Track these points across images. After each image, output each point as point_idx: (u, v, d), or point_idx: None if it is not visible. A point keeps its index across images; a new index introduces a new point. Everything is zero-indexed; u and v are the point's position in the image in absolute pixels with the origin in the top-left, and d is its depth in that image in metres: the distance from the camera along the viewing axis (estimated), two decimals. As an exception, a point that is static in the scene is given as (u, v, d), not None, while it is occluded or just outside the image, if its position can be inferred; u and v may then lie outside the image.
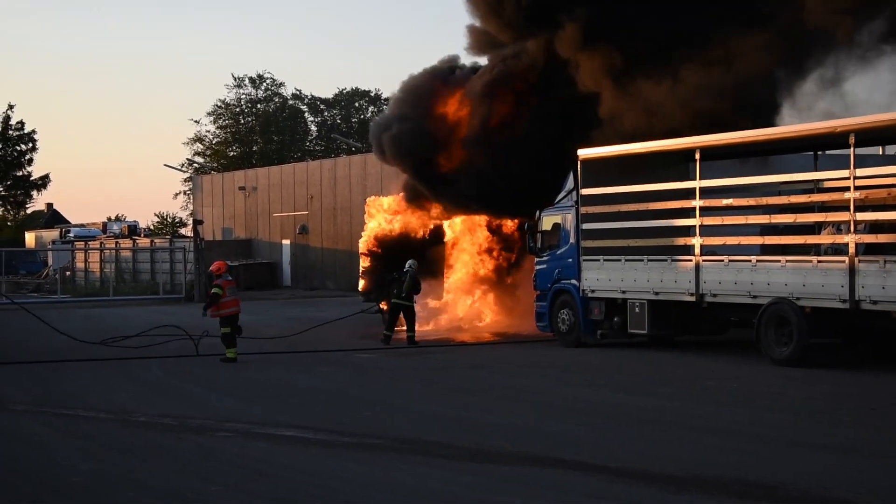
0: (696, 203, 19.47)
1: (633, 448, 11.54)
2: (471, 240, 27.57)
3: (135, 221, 71.45)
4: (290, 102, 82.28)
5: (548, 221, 22.98)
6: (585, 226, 21.66)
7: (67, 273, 54.08)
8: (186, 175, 75.79)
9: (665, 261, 20.12)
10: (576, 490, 9.86)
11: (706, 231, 19.51)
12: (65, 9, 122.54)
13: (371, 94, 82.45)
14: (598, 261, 21.46)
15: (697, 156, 19.42)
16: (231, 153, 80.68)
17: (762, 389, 15.72)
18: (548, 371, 18.80)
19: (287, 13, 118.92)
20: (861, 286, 16.67)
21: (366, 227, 29.18)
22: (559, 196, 22.68)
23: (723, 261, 19.12)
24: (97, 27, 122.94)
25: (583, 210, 21.67)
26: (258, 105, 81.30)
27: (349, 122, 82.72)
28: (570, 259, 22.14)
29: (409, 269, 23.54)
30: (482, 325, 26.58)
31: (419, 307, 24.73)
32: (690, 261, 19.57)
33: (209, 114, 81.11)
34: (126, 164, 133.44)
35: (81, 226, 70.14)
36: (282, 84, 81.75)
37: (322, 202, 48.82)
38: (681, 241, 19.98)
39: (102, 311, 37.15)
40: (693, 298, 19.51)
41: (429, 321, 26.54)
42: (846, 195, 17.23)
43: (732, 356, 19.50)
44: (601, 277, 21.39)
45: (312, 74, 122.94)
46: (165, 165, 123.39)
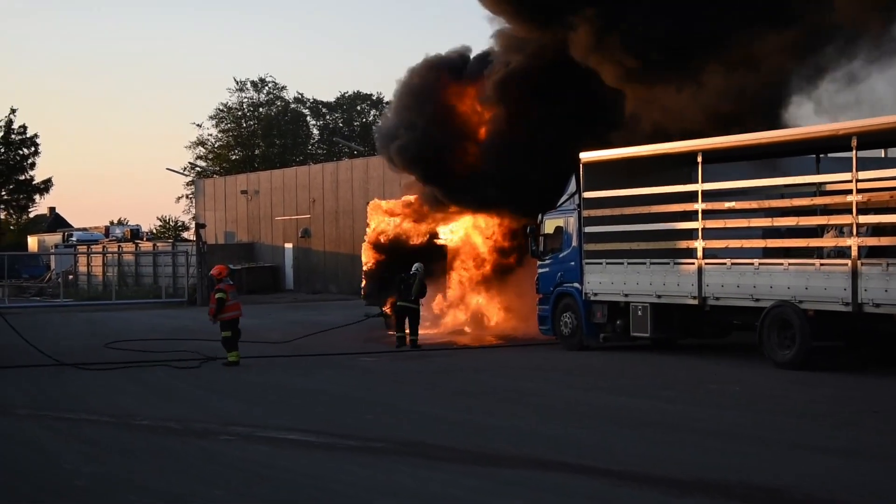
0: (699, 206, 19.46)
1: (636, 451, 11.53)
2: (473, 242, 27.52)
3: (137, 225, 71.35)
4: (293, 106, 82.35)
5: (550, 225, 22.97)
6: (588, 229, 21.66)
7: (70, 277, 54.16)
8: (189, 179, 75.84)
9: (667, 264, 20.12)
10: (578, 493, 9.85)
11: (708, 234, 19.51)
12: (67, 12, 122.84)
13: (373, 98, 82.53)
14: (601, 264, 21.46)
15: (699, 159, 19.43)
16: (233, 157, 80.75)
17: (765, 392, 15.71)
18: (550, 374, 18.79)
19: (289, 17, 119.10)
20: (864, 289, 16.66)
21: (368, 230, 29.15)
22: (561, 199, 22.67)
23: (725, 264, 19.12)
24: (99, 31, 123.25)
25: (585, 213, 21.67)
26: (260, 109, 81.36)
27: (351, 126, 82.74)
28: (573, 262, 22.14)
29: (417, 272, 23.52)
30: (485, 329, 26.55)
31: (422, 310, 24.71)
32: (693, 264, 19.56)
33: (211, 117, 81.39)
34: (128, 168, 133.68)
35: (84, 230, 70.16)
36: (284, 87, 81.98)
37: (324, 206, 48.86)
38: (683, 245, 19.98)
39: (105, 315, 37.16)
40: (695, 301, 19.51)
41: (432, 324, 26.52)
42: (848, 198, 17.22)
43: (735, 359, 19.50)
44: (603, 281, 21.39)
45: (314, 78, 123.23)
46: (168, 169, 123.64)
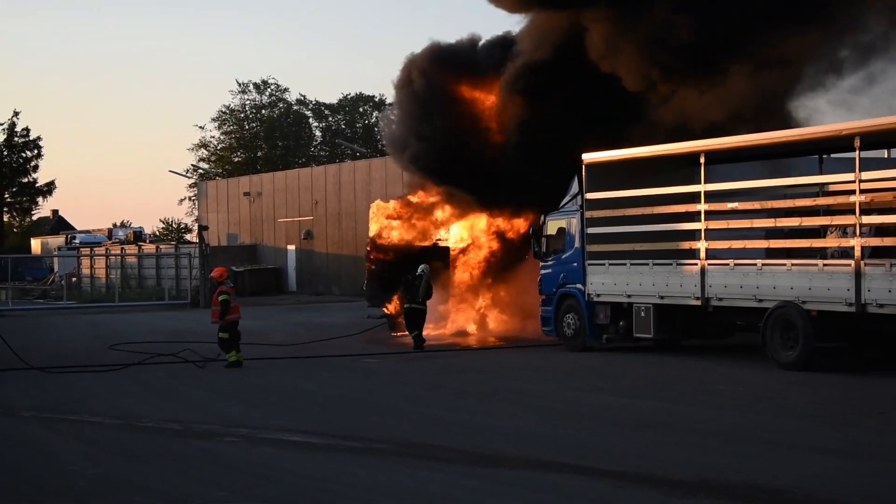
0: (701, 207, 19.45)
1: (639, 452, 11.52)
2: (476, 243, 27.50)
3: (140, 227, 71.40)
4: (295, 108, 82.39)
5: (553, 226, 22.96)
6: (590, 230, 21.64)
7: (73, 279, 54.19)
8: (191, 181, 75.88)
9: (670, 265, 20.10)
10: (581, 494, 9.84)
11: (711, 235, 19.50)
12: (69, 14, 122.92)
13: (375, 99, 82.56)
14: (604, 265, 21.44)
15: (702, 159, 19.41)
16: (236, 159, 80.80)
17: (768, 393, 15.69)
18: (552, 375, 18.78)
19: (291, 18, 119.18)
20: (867, 289, 16.64)
21: (370, 232, 29.12)
22: (564, 200, 22.66)
23: (728, 265, 19.10)
24: (101, 33, 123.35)
25: (588, 214, 21.65)
26: (263, 111, 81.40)
27: (353, 128, 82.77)
28: (576, 263, 22.13)
29: (423, 274, 23.54)
30: (487, 330, 26.55)
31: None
32: (696, 265, 19.54)
33: (214, 119, 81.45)
34: (131, 171, 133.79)
35: (87, 232, 70.15)
36: (286, 89, 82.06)
37: (327, 207, 48.86)
38: (686, 245, 19.97)
39: (108, 318, 37.16)
40: (698, 302, 19.49)
41: (435, 325, 26.51)
42: (851, 198, 17.20)
43: (738, 360, 19.48)
44: (606, 281, 21.37)
45: (316, 79, 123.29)
46: (170, 171, 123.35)
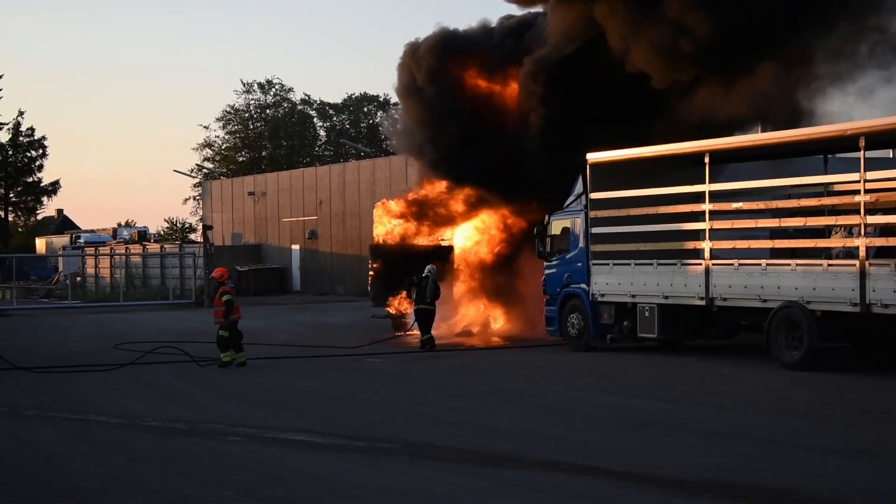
0: (706, 207, 19.44)
1: (642, 452, 11.51)
2: (480, 243, 27.50)
3: (145, 227, 71.42)
4: (299, 107, 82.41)
5: (557, 226, 22.95)
6: (595, 230, 21.64)
7: (78, 279, 54.23)
8: (196, 180, 75.91)
9: (675, 265, 20.09)
10: (584, 494, 9.84)
11: (716, 235, 19.49)
12: (73, 15, 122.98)
13: (380, 99, 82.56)
14: (608, 265, 21.44)
15: (707, 159, 19.40)
16: (240, 158, 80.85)
17: (772, 393, 15.68)
18: (556, 375, 18.78)
19: (295, 19, 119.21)
20: (872, 290, 16.63)
21: (375, 232, 29.12)
22: (568, 200, 22.65)
23: (733, 264, 19.09)
24: (105, 33, 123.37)
25: (592, 214, 21.65)
26: (267, 110, 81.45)
27: (358, 127, 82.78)
28: (580, 263, 22.12)
29: (430, 274, 23.53)
30: (492, 330, 26.54)
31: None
32: (700, 264, 19.53)
33: (218, 119, 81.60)
34: (136, 170, 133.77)
35: (92, 231, 70.20)
36: (290, 89, 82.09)
37: (331, 207, 48.87)
38: (690, 245, 19.96)
39: (112, 317, 37.21)
40: (703, 302, 19.48)
41: (438, 326, 26.47)
42: (856, 198, 17.19)
43: (742, 360, 19.47)
44: (611, 281, 21.37)
45: (321, 79, 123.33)
46: (175, 171, 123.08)
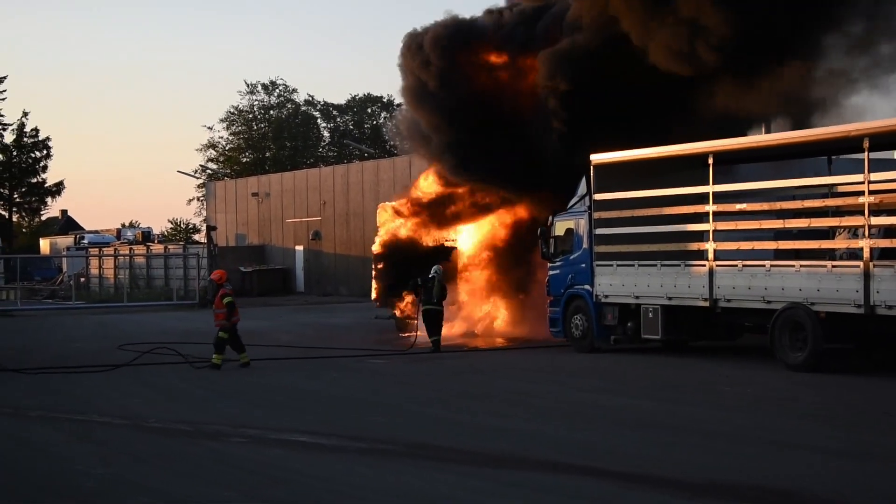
0: (710, 208, 19.41)
1: (645, 453, 11.49)
2: (484, 244, 27.47)
3: (148, 228, 71.46)
4: (303, 108, 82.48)
5: (561, 227, 22.93)
6: (598, 231, 21.62)
7: (82, 279, 54.24)
8: (200, 181, 76.02)
9: (678, 266, 20.07)
10: (587, 495, 9.82)
11: (720, 236, 19.46)
12: (77, 16, 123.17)
13: (383, 100, 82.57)
14: (612, 266, 21.42)
15: (711, 160, 19.37)
16: (244, 159, 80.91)
17: (776, 395, 15.65)
18: (559, 376, 18.76)
19: (299, 19, 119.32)
20: (876, 291, 16.60)
21: (378, 233, 29.07)
22: (572, 201, 22.63)
23: (737, 266, 19.06)
24: (110, 34, 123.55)
25: (596, 215, 21.62)
26: (271, 111, 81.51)
27: (362, 128, 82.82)
28: (584, 264, 22.10)
29: (436, 275, 23.52)
30: (495, 331, 26.52)
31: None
32: (704, 266, 19.51)
33: (222, 120, 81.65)
34: (140, 171, 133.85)
35: (95, 232, 70.25)
36: (294, 90, 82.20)
37: (335, 208, 48.89)
38: (694, 246, 19.93)
39: (116, 318, 37.22)
40: (707, 304, 19.46)
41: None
42: (860, 199, 17.16)
43: (746, 361, 19.44)
44: (614, 283, 21.35)
45: (325, 80, 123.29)
46: (179, 172, 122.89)
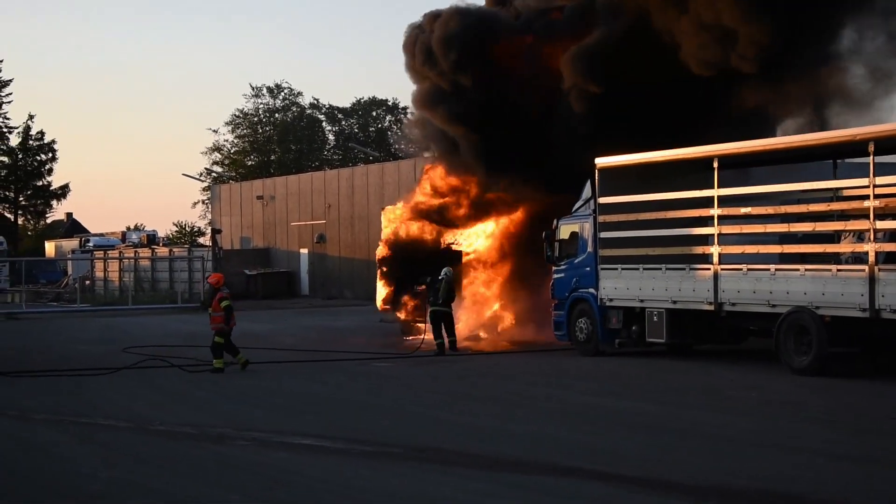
0: (715, 212, 19.40)
1: (649, 456, 11.48)
2: (489, 247, 27.46)
3: (153, 231, 71.50)
4: (308, 112, 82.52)
5: (565, 230, 22.91)
6: (603, 234, 21.60)
7: (87, 282, 54.25)
8: (205, 184, 76.09)
9: (683, 269, 20.05)
10: (591, 498, 9.82)
11: (724, 240, 19.44)
12: (82, 19, 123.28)
13: (388, 103, 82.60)
14: (616, 269, 21.40)
15: (715, 164, 19.36)
16: (249, 162, 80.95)
17: (781, 399, 15.63)
18: (564, 380, 18.75)
19: (304, 23, 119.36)
20: (881, 295, 16.56)
21: (382, 236, 29.04)
22: (577, 205, 22.62)
23: (741, 269, 19.04)
24: (115, 37, 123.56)
25: (600, 219, 21.60)
26: (276, 114, 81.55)
27: (367, 132, 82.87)
28: (588, 268, 22.08)
29: (445, 276, 23.51)
30: (500, 334, 26.51)
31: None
32: (709, 269, 19.49)
33: (227, 123, 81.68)
34: (145, 174, 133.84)
35: (101, 235, 70.33)
36: (299, 93, 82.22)
37: (340, 211, 48.90)
38: (699, 250, 19.91)
39: (121, 321, 37.26)
40: (711, 307, 19.43)
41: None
42: (866, 203, 17.14)
43: (751, 365, 19.41)
44: (619, 286, 21.33)
45: (330, 83, 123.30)
46: (184, 175, 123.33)
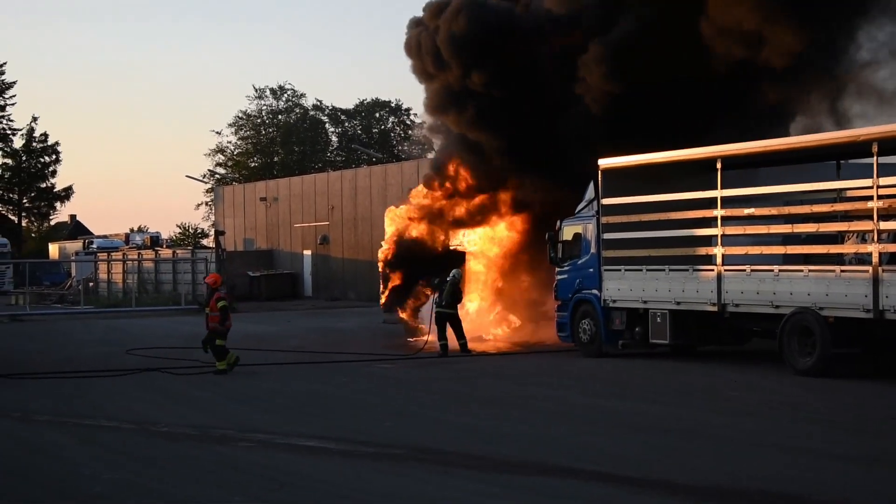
0: (718, 213, 19.38)
1: (652, 458, 11.48)
2: (493, 248, 27.45)
3: (157, 232, 71.76)
4: (311, 113, 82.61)
5: (569, 231, 22.90)
6: (606, 235, 21.59)
7: (90, 284, 54.31)
8: (208, 186, 76.16)
9: (686, 270, 20.03)
10: (593, 499, 9.82)
11: (728, 241, 19.43)
12: (86, 21, 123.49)
13: (391, 105, 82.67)
14: (620, 270, 21.39)
15: (719, 165, 19.35)
16: (252, 164, 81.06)
17: (784, 400, 15.62)
18: (568, 381, 18.73)
19: (307, 25, 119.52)
20: (885, 296, 16.54)
21: (386, 237, 29.05)
22: (580, 206, 22.61)
23: (745, 270, 19.02)
24: (119, 40, 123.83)
25: (604, 220, 21.59)
26: (279, 116, 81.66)
27: (370, 133, 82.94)
28: (591, 269, 22.06)
29: (452, 278, 23.49)
30: (503, 335, 26.51)
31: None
32: (712, 270, 19.47)
33: (231, 125, 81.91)
34: (148, 176, 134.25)
35: (104, 237, 70.44)
36: (303, 95, 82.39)
37: (343, 212, 48.90)
38: (702, 251, 19.89)
39: (125, 322, 37.29)
40: (715, 308, 19.41)
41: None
42: (869, 204, 17.12)
43: (754, 366, 19.38)
44: (622, 287, 21.32)
45: (333, 85, 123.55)
46: (187, 176, 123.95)
